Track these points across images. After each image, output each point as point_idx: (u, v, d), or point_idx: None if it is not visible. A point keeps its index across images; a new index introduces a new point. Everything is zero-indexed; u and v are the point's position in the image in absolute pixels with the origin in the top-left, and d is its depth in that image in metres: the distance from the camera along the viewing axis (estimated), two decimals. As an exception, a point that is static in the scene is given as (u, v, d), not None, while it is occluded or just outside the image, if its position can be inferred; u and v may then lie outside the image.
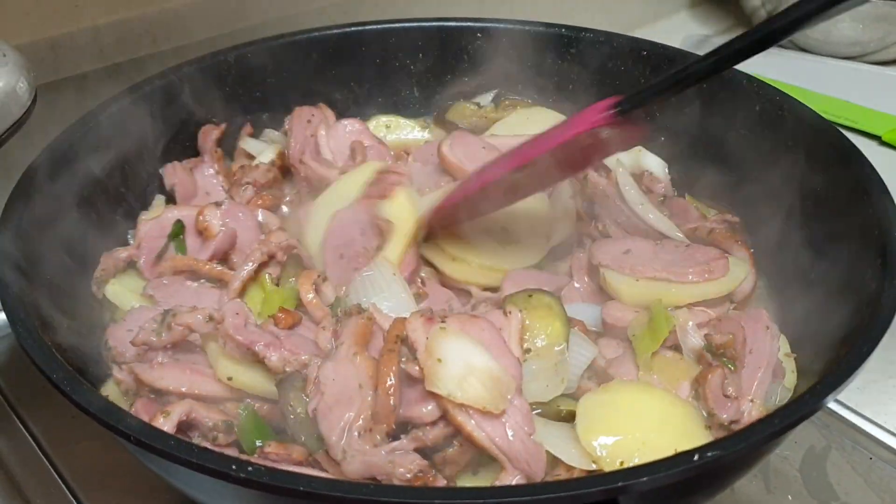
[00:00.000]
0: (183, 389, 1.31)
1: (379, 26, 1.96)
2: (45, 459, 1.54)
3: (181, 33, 2.11)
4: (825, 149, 1.55)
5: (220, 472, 0.93)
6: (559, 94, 1.96)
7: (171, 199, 1.75)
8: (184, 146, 1.84)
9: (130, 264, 1.59)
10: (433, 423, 1.16)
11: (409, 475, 1.10)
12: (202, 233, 1.60)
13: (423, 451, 1.16)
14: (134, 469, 1.37)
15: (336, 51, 1.95)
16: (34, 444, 1.57)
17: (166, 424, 1.22)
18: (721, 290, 1.50)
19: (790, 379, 1.40)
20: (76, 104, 1.77)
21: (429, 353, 1.16)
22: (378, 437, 1.13)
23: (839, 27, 2.75)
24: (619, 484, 0.91)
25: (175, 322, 1.33)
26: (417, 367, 1.17)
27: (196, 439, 1.27)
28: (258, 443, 1.24)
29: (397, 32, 1.96)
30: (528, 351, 1.29)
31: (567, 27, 1.91)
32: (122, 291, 1.55)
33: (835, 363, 1.11)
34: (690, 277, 1.48)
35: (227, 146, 1.88)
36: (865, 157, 1.50)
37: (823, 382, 1.05)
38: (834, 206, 1.51)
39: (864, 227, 1.39)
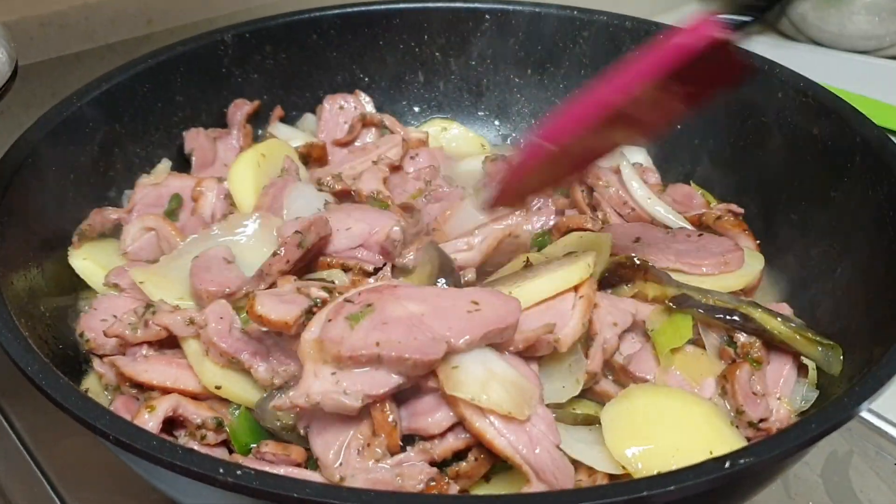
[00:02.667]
0: (168, 384, 1.24)
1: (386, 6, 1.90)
2: (27, 456, 1.47)
3: (177, 14, 2.04)
4: (841, 129, 1.50)
5: (206, 475, 0.85)
6: (571, 79, 1.90)
7: (176, 167, 1.71)
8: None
9: (116, 229, 1.54)
10: (441, 436, 1.09)
11: (420, 486, 1.03)
12: (195, 201, 1.56)
13: (434, 464, 1.09)
14: (122, 467, 1.30)
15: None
16: (17, 440, 1.50)
17: (151, 420, 1.15)
18: (738, 284, 1.44)
19: (812, 376, 1.34)
20: (65, 86, 1.71)
21: (445, 361, 1.09)
22: (379, 450, 1.06)
23: (854, 20, 2.69)
24: (644, 493, 0.84)
25: (154, 321, 1.26)
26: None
27: (182, 438, 1.20)
28: (253, 445, 1.18)
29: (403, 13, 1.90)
30: None
31: (580, 9, 1.84)
32: (92, 268, 1.48)
33: (873, 365, 1.03)
34: (705, 269, 1.43)
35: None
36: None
37: (863, 385, 0.98)
38: (859, 195, 1.44)
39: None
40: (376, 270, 1.39)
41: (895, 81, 2.58)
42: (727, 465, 0.87)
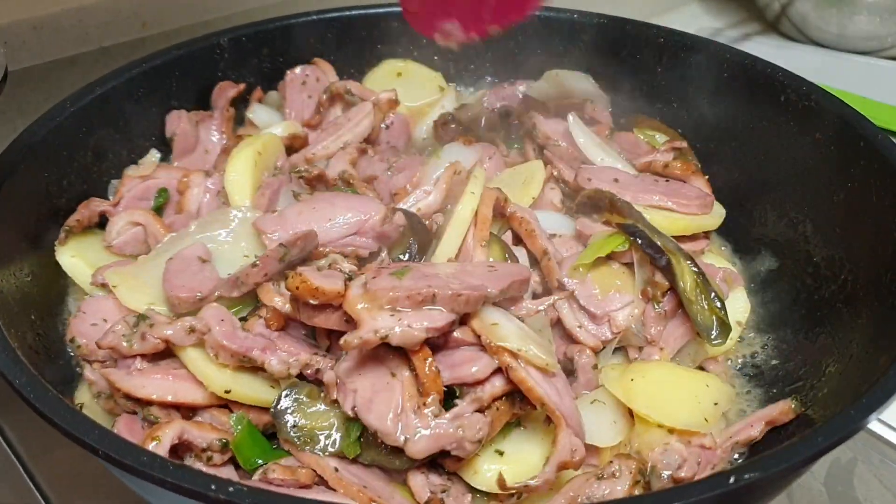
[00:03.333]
0: (169, 399, 1.21)
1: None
2: (19, 467, 1.45)
3: (172, 18, 2.02)
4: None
5: (197, 492, 0.83)
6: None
7: (165, 158, 1.70)
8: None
9: (104, 223, 1.51)
10: (483, 382, 1.15)
11: (480, 435, 1.10)
12: (180, 194, 1.54)
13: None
14: (114, 479, 1.29)
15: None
16: (8, 450, 1.48)
17: (159, 449, 1.12)
18: (712, 224, 1.57)
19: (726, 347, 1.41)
20: (59, 90, 1.69)
21: (482, 320, 1.18)
22: (434, 407, 1.11)
23: (856, 21, 2.66)
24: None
25: (152, 334, 1.22)
26: (469, 331, 1.18)
27: (188, 460, 1.18)
28: (259, 461, 1.17)
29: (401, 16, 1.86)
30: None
31: (579, 12, 1.82)
32: (80, 266, 1.45)
33: (879, 375, 1.01)
34: (693, 209, 1.51)
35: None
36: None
37: (870, 397, 0.95)
38: (862, 199, 1.42)
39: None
40: (371, 256, 1.39)
41: (896, 82, 2.56)
42: (732, 479, 0.85)
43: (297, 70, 1.81)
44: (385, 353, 1.15)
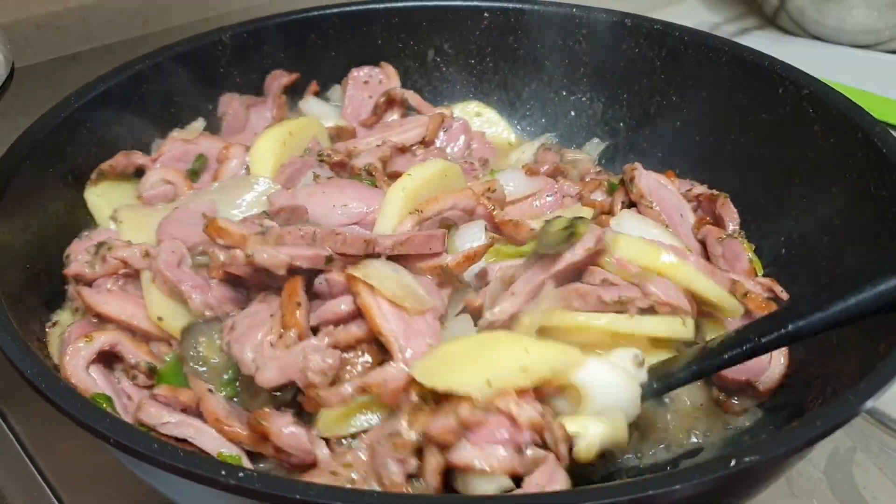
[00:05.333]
0: (122, 318, 1.30)
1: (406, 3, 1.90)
2: (27, 460, 1.46)
3: (174, 15, 2.04)
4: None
5: (207, 478, 0.85)
6: (571, 77, 1.89)
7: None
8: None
9: (138, 172, 1.60)
10: (345, 323, 1.19)
11: (324, 364, 1.12)
12: (219, 163, 1.60)
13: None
14: (121, 470, 1.29)
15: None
16: (16, 443, 1.48)
17: (85, 350, 1.22)
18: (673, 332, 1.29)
19: None
20: (62, 87, 1.70)
21: (364, 266, 1.22)
22: (290, 338, 1.15)
23: (854, 14, 2.67)
24: (650, 492, 0.83)
25: (110, 255, 1.32)
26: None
27: (117, 373, 1.27)
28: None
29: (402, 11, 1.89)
30: None
31: (578, 6, 1.83)
32: (102, 205, 1.55)
33: (878, 361, 1.02)
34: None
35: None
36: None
37: (869, 382, 0.97)
38: (861, 191, 1.42)
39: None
40: None
41: (895, 75, 2.57)
42: (732, 463, 0.86)
43: (363, 70, 1.86)
44: (273, 298, 1.22)
